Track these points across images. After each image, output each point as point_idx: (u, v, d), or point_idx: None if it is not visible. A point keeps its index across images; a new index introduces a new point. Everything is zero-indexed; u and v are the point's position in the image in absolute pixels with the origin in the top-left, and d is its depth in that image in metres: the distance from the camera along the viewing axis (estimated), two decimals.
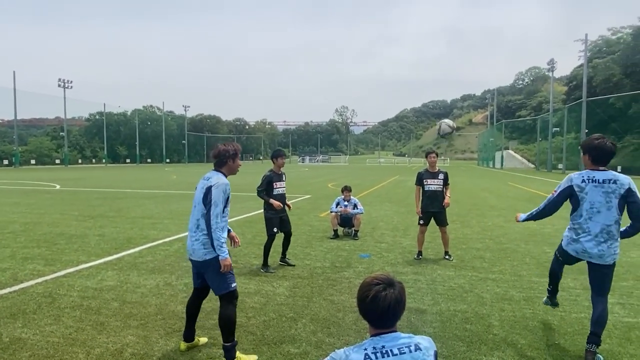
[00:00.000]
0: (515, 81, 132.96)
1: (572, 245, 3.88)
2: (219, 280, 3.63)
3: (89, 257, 7.10)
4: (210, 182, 3.66)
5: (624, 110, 48.59)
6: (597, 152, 3.71)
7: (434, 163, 7.21)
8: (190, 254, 3.71)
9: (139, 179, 30.28)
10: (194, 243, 3.66)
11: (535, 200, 17.10)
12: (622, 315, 4.71)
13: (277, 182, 6.56)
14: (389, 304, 1.85)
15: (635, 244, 8.60)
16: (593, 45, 61.58)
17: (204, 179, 3.76)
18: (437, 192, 7.10)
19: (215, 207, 3.56)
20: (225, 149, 3.82)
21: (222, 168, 3.83)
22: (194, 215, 3.72)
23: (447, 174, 7.22)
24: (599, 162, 3.74)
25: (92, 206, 13.98)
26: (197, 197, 3.71)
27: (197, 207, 3.70)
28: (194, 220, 3.70)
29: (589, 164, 3.78)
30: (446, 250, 7.30)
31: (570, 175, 3.85)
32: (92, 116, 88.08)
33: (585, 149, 3.77)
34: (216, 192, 3.58)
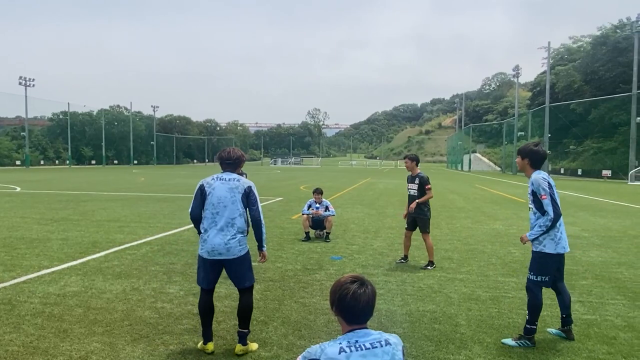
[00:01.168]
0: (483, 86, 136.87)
1: (561, 243, 4.03)
2: (246, 274, 3.93)
3: (52, 262, 6.85)
4: (246, 182, 3.91)
5: (584, 115, 50.75)
6: (538, 157, 4.13)
7: (408, 168, 7.09)
8: (222, 253, 3.79)
9: (105, 181, 29.42)
10: (230, 242, 3.79)
11: (500, 202, 17.63)
12: (582, 313, 4.91)
13: None
14: (367, 300, 1.98)
15: (594, 244, 9.00)
16: (555, 53, 64.06)
17: (229, 180, 3.89)
18: (414, 197, 6.95)
19: (260, 205, 3.92)
20: (242, 154, 4.12)
21: (236, 170, 4.04)
22: (223, 214, 3.81)
23: (424, 178, 6.92)
24: (537, 166, 4.15)
25: (55, 209, 13.48)
26: (227, 196, 3.82)
27: (230, 206, 3.82)
28: (226, 220, 3.81)
29: (529, 167, 4.16)
30: (430, 260, 6.91)
31: (539, 175, 4.06)
32: (56, 116, 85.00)
33: (526, 153, 4.15)
34: (256, 192, 3.93)
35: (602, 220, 12.63)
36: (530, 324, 4.05)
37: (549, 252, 4.02)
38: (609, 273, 6.66)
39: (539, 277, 4.06)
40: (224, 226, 3.80)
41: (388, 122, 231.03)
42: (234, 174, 3.96)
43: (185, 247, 8.11)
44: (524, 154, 4.16)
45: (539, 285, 4.07)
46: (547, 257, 4.03)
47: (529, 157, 4.14)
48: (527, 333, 4.04)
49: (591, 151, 48.71)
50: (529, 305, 4.10)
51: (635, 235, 10.14)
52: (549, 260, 4.04)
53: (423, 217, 6.94)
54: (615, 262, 7.42)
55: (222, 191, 3.83)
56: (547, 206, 3.95)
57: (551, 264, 4.05)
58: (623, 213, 14.51)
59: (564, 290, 4.20)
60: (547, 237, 4.02)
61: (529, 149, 4.16)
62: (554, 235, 4.01)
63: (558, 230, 4.02)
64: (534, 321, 4.04)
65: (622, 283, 6.13)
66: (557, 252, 4.02)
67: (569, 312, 4.17)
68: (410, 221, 7.07)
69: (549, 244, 4.02)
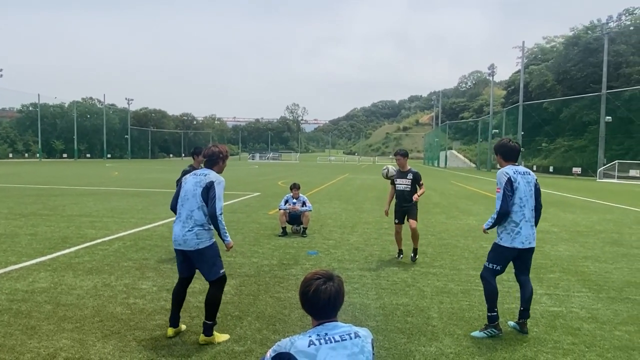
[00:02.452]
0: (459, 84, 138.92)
1: (518, 238, 4.12)
2: (210, 267, 3.95)
3: (20, 258, 6.65)
4: (210, 178, 3.92)
5: (555, 114, 52.14)
6: (506, 150, 4.31)
7: (400, 164, 7.13)
8: (180, 244, 3.92)
9: (76, 175, 28.67)
10: (186, 234, 3.88)
11: (474, 198, 17.99)
12: (549, 305, 5.07)
13: None
14: (329, 296, 1.99)
15: (562, 238, 9.29)
16: (529, 52, 65.54)
17: (199, 175, 4.01)
18: (405, 192, 7.00)
19: (219, 201, 3.89)
20: (218, 150, 4.11)
21: (213, 167, 4.09)
22: (185, 207, 3.94)
23: (417, 174, 7.03)
24: (510, 158, 4.31)
25: (24, 204, 13.08)
26: (191, 190, 3.95)
27: (191, 199, 3.92)
28: (186, 212, 3.93)
29: (503, 161, 4.34)
30: (415, 247, 7.04)
31: (503, 170, 4.21)
32: (25, 107, 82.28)
33: (497, 149, 4.38)
34: (219, 188, 3.91)
35: (571, 215, 13.04)
36: (490, 311, 4.19)
37: (504, 245, 4.17)
38: (576, 267, 6.89)
39: (490, 265, 4.26)
40: (184, 218, 3.95)
41: (367, 118, 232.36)
42: (207, 170, 4.05)
43: (159, 242, 8.00)
44: (496, 150, 4.42)
45: (490, 272, 4.25)
46: (502, 249, 4.20)
47: (499, 152, 4.37)
48: (490, 321, 4.17)
49: (562, 149, 50.14)
50: (485, 293, 4.26)
51: (601, 230, 10.52)
52: (503, 252, 4.20)
53: (413, 206, 7.04)
54: (582, 256, 7.68)
55: (190, 184, 4.00)
56: (497, 199, 4.16)
57: (505, 256, 4.20)
58: (591, 209, 15.02)
59: (526, 284, 4.31)
60: (503, 230, 4.18)
61: (498, 144, 4.41)
62: (510, 230, 4.13)
63: (517, 226, 4.12)
64: (493, 307, 4.17)
65: (588, 276, 6.35)
66: (512, 246, 4.13)
67: (527, 306, 4.26)
68: (400, 214, 7.10)
69: (505, 237, 4.16)
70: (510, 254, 4.19)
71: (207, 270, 3.97)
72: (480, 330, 4.19)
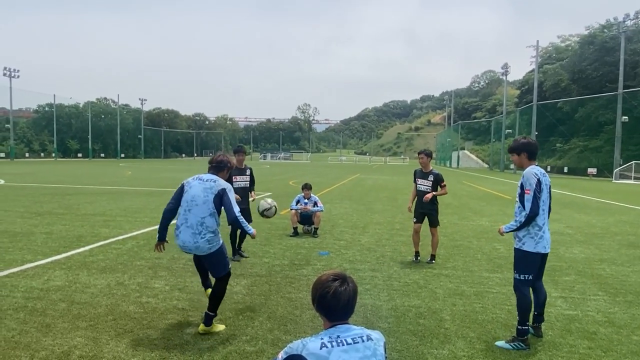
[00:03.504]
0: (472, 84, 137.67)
1: (541, 243, 3.97)
2: (219, 267, 4.15)
3: (35, 256, 6.76)
4: (221, 185, 4.06)
5: (570, 114, 51.36)
6: (532, 148, 4.10)
7: (423, 164, 6.95)
8: (192, 249, 4.06)
9: (91, 175, 29.05)
10: (199, 240, 3.98)
11: (486, 199, 17.80)
12: (564, 308, 4.99)
13: (236, 176, 6.85)
14: (348, 298, 1.99)
15: (577, 240, 9.14)
16: (544, 51, 64.67)
17: (206, 180, 4.11)
18: (425, 193, 6.86)
19: (235, 206, 4.04)
20: (227, 160, 4.33)
21: (219, 174, 4.22)
22: (196, 214, 4.00)
23: (438, 176, 6.85)
24: (534, 157, 4.11)
25: (40, 202, 13.29)
26: (201, 196, 4.03)
27: (201, 206, 4.01)
28: (196, 219, 3.99)
29: (527, 161, 4.08)
30: (432, 253, 6.97)
31: (532, 170, 3.97)
32: (41, 108, 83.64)
33: (521, 147, 4.10)
34: (231, 194, 4.06)
35: (586, 217, 12.83)
36: (521, 324, 3.95)
37: (529, 250, 3.96)
38: (592, 269, 6.77)
39: (521, 276, 4.00)
40: (193, 224, 4.01)
41: (378, 118, 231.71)
42: (214, 176, 4.16)
43: (172, 241, 7.99)
44: (519, 149, 4.10)
45: (524, 283, 4.01)
46: (528, 255, 3.97)
47: (524, 150, 4.08)
48: (520, 334, 3.95)
49: (577, 149, 49.37)
50: (518, 306, 4.02)
51: (618, 232, 10.33)
52: (529, 258, 3.97)
53: (433, 212, 6.90)
54: (598, 258, 7.55)
55: (197, 190, 4.05)
56: (527, 201, 3.91)
57: (532, 262, 3.99)
58: (606, 210, 14.76)
59: (540, 289, 4.21)
60: (527, 234, 3.96)
61: (521, 143, 4.12)
62: (534, 234, 3.94)
63: (540, 230, 3.95)
64: (525, 321, 3.95)
65: (604, 279, 6.23)
66: (536, 251, 3.96)
67: (542, 310, 4.17)
68: (419, 214, 7.01)
69: (529, 242, 3.95)
70: (535, 259, 3.99)
71: (216, 270, 4.16)
72: (506, 341, 3.98)
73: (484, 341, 4.07)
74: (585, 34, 55.78)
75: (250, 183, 7.21)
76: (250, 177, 7.18)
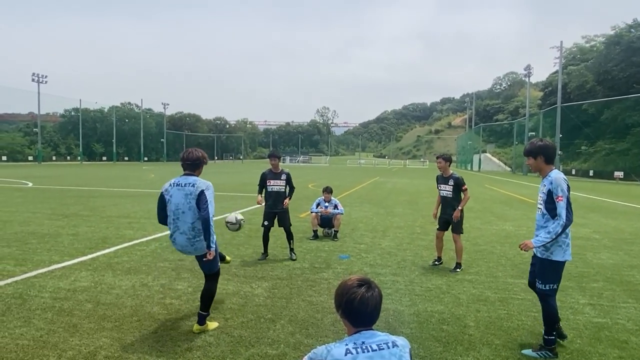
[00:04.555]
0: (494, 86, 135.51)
1: (568, 251, 3.84)
2: (210, 264, 4.19)
3: (62, 257, 6.92)
4: (200, 187, 3.98)
5: (596, 116, 50.04)
6: (551, 151, 3.90)
7: (441, 168, 6.84)
8: (190, 252, 4.15)
9: (115, 177, 29.68)
10: (195, 243, 4.06)
11: (510, 203, 17.46)
12: (592, 316, 4.84)
13: (271, 180, 7.17)
14: (375, 304, 1.97)
15: (605, 246, 8.88)
16: (568, 52, 63.26)
17: (184, 185, 4.04)
18: (447, 198, 6.76)
19: (212, 207, 3.96)
20: (201, 154, 4.23)
21: (195, 171, 4.17)
22: (185, 221, 4.05)
23: (459, 180, 6.67)
24: (552, 162, 3.93)
25: (66, 204, 13.63)
26: (184, 203, 4.01)
27: (187, 212, 4.02)
28: (187, 225, 4.03)
29: (544, 165, 3.89)
30: (457, 261, 6.74)
31: (561, 175, 3.81)
32: (68, 112, 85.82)
33: (538, 150, 3.88)
34: (209, 194, 3.99)
35: (613, 222, 12.46)
36: (547, 334, 3.86)
37: (558, 260, 3.81)
38: (621, 276, 6.56)
39: (547, 286, 3.85)
40: (186, 230, 4.06)
41: (397, 121, 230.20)
42: (191, 177, 4.08)
43: None
44: (535, 152, 3.90)
45: (549, 294, 3.87)
46: (557, 265, 3.83)
47: (541, 153, 3.87)
48: (547, 344, 3.85)
49: (603, 152, 48.03)
50: (544, 315, 3.90)
51: None
52: (556, 268, 3.84)
53: (459, 219, 6.74)
54: (627, 264, 7.32)
55: (179, 198, 4.03)
56: (561, 209, 3.67)
57: (559, 271, 3.85)
58: (635, 215, 14.31)
59: None
60: (555, 243, 3.77)
61: (537, 145, 3.90)
62: (562, 242, 3.78)
63: (567, 237, 3.81)
64: (551, 331, 3.85)
65: (634, 286, 6.03)
66: (565, 259, 3.82)
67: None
68: (442, 222, 6.90)
69: (557, 251, 3.80)
70: (562, 268, 3.86)
71: (207, 267, 4.23)
72: (533, 350, 3.88)
73: (510, 349, 3.98)
74: (611, 34, 54.33)
75: (286, 187, 7.26)
76: (287, 181, 7.23)
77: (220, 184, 23.66)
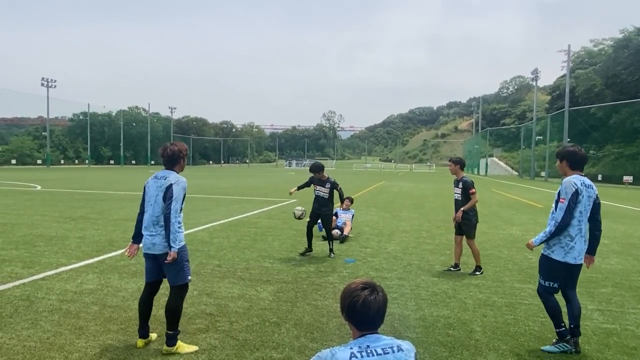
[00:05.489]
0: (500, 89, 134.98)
1: (571, 254, 3.91)
2: (177, 272, 3.88)
3: (69, 260, 6.97)
4: (170, 180, 3.85)
5: (604, 120, 49.66)
6: (576, 158, 4.00)
7: (452, 171, 6.88)
8: (149, 248, 3.89)
9: (122, 181, 29.87)
10: (154, 238, 3.85)
11: (517, 207, 17.34)
12: (601, 322, 4.79)
13: (317, 186, 7.79)
14: (378, 307, 1.95)
15: (614, 251, 8.78)
16: (576, 56, 62.92)
17: (159, 178, 3.96)
18: (458, 202, 6.76)
19: (176, 203, 3.78)
20: (178, 149, 4.02)
21: (174, 167, 4.03)
22: (151, 213, 3.90)
23: (467, 183, 6.63)
24: (577, 167, 4.01)
25: (74, 208, 13.73)
26: (153, 195, 3.92)
27: (154, 205, 3.91)
28: (152, 218, 3.89)
29: (569, 170, 4.03)
30: (477, 264, 6.74)
31: (572, 179, 3.92)
32: (76, 116, 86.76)
33: (564, 155, 4.05)
34: (177, 189, 3.81)
35: (622, 227, 12.33)
36: (557, 327, 4.02)
37: (556, 259, 3.95)
38: (630, 281, 6.49)
39: (546, 282, 4.03)
40: (149, 224, 3.91)
41: (404, 125, 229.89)
42: (168, 172, 3.96)
43: (200, 247, 8.17)
44: (562, 155, 4.08)
45: (547, 290, 4.04)
46: (554, 263, 3.96)
47: (566, 158, 4.04)
48: (560, 337, 3.99)
49: (612, 156, 47.61)
50: (546, 310, 4.10)
51: None
52: (555, 266, 3.96)
53: (468, 223, 6.71)
54: (636, 270, 7.23)
55: (152, 189, 3.96)
56: (559, 209, 3.89)
57: (559, 271, 3.97)
58: None
59: (574, 300, 4.07)
60: (557, 244, 3.95)
61: (565, 150, 4.09)
62: (565, 244, 3.92)
63: (572, 240, 3.91)
64: (559, 323, 3.99)
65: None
66: (565, 261, 3.92)
67: (577, 322, 4.03)
68: (457, 225, 6.88)
69: (558, 251, 3.95)
70: (562, 268, 3.96)
71: (173, 274, 3.88)
72: (551, 345, 4.03)
73: (516, 354, 3.94)
74: (619, 37, 53.98)
75: (330, 194, 7.76)
76: (331, 189, 7.74)
77: (227, 188, 23.74)
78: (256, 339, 4.12)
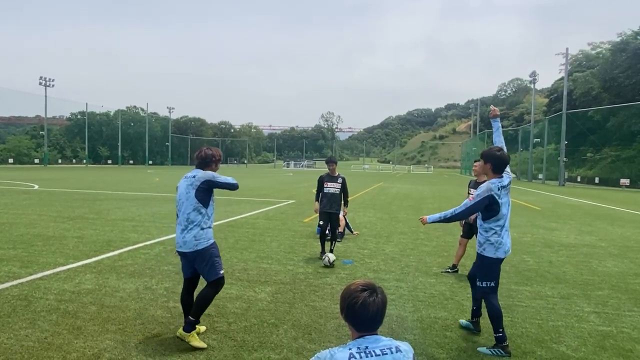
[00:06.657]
0: (498, 92, 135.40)
1: (501, 248, 4.08)
2: (209, 268, 4.03)
3: (67, 260, 6.96)
4: (200, 178, 4.00)
5: (602, 123, 49.84)
6: (499, 162, 4.11)
7: (475, 173, 6.62)
8: (181, 245, 4.01)
9: (120, 181, 29.82)
10: (185, 235, 3.97)
11: (514, 209, 17.38)
12: (597, 324, 4.81)
13: (328, 182, 7.73)
14: (377, 308, 1.96)
15: (611, 254, 8.82)
16: (573, 59, 63.13)
17: (189, 177, 4.09)
18: None
19: (219, 177, 4.05)
20: (212, 153, 4.20)
21: (205, 169, 4.15)
22: (183, 211, 4.02)
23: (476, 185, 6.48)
24: (499, 171, 4.14)
25: (71, 207, 13.71)
26: (184, 193, 4.03)
27: (185, 203, 4.02)
28: (184, 216, 4.01)
29: (491, 173, 4.15)
30: None
31: (490, 185, 4.04)
32: (74, 116, 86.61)
33: (489, 158, 4.13)
34: (209, 173, 4.03)
35: (619, 229, 12.38)
36: (495, 332, 4.04)
37: (489, 256, 4.07)
38: (626, 284, 6.52)
39: (484, 283, 4.13)
40: (181, 221, 4.04)
41: (402, 126, 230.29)
42: (196, 170, 4.12)
43: None
44: (487, 158, 4.15)
45: (487, 291, 4.12)
46: (487, 261, 4.09)
47: (491, 162, 4.12)
48: (498, 341, 4.02)
49: (609, 159, 47.78)
50: (488, 314, 4.13)
51: None
52: (489, 264, 4.09)
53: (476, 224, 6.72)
54: (633, 272, 7.27)
55: (182, 188, 4.09)
56: (463, 205, 4.07)
57: (493, 268, 4.10)
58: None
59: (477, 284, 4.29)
60: (486, 242, 4.08)
61: (491, 153, 4.14)
62: (494, 241, 4.06)
63: (500, 236, 4.06)
64: (498, 329, 4.02)
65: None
66: (497, 256, 4.07)
67: (479, 304, 4.41)
68: (467, 228, 6.83)
69: (489, 248, 4.08)
70: (496, 264, 4.10)
71: (206, 271, 4.04)
72: (487, 348, 4.05)
73: (513, 356, 3.96)
74: (617, 40, 54.20)
75: (342, 190, 7.74)
76: (342, 185, 7.74)
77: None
78: (254, 340, 4.13)
